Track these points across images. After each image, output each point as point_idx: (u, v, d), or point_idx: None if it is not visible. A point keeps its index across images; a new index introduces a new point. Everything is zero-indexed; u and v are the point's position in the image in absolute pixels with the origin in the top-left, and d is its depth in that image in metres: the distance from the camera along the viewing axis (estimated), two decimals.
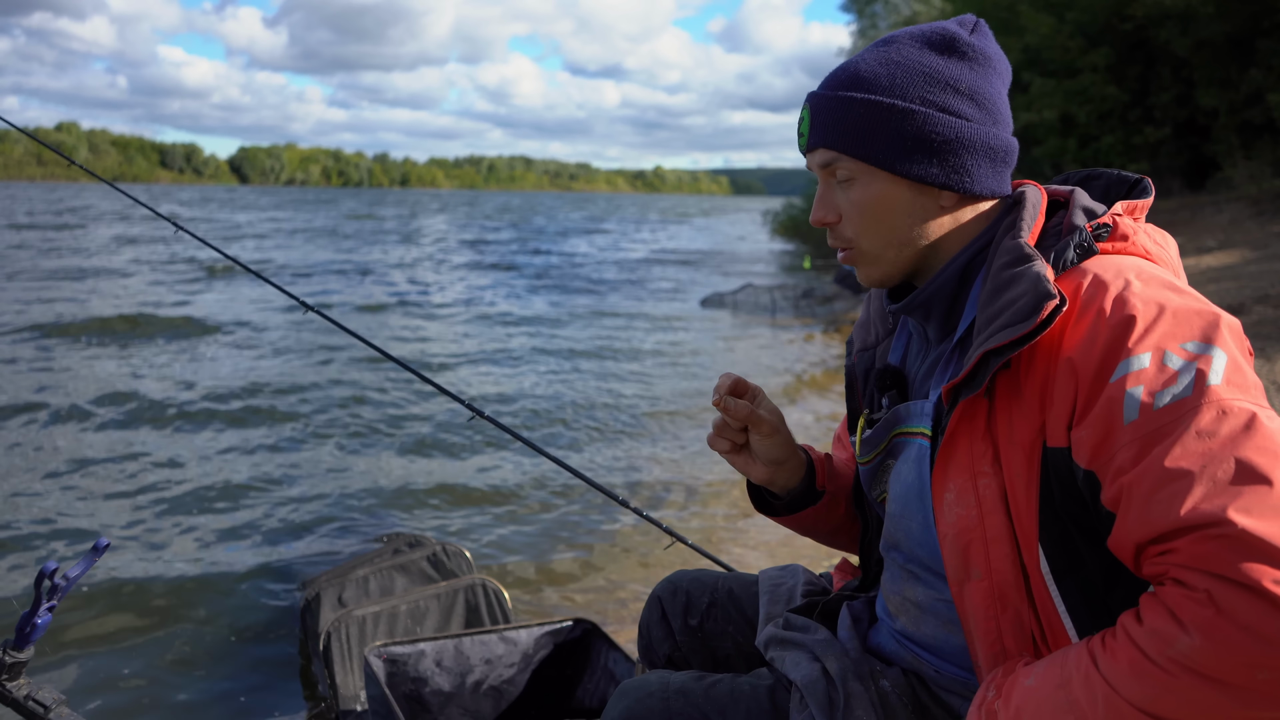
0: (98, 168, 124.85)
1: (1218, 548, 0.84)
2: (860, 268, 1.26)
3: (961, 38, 1.20)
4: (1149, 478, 0.92)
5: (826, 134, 1.22)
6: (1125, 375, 0.97)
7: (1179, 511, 0.88)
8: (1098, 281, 1.05)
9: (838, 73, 1.24)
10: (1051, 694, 0.98)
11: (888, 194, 1.20)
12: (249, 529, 4.51)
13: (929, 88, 1.18)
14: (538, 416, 7.10)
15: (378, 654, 2.41)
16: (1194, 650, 0.85)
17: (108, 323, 10.96)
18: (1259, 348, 6.63)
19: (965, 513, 1.12)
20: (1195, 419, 0.92)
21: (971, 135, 1.18)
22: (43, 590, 1.36)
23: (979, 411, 1.11)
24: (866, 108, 1.18)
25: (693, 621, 1.63)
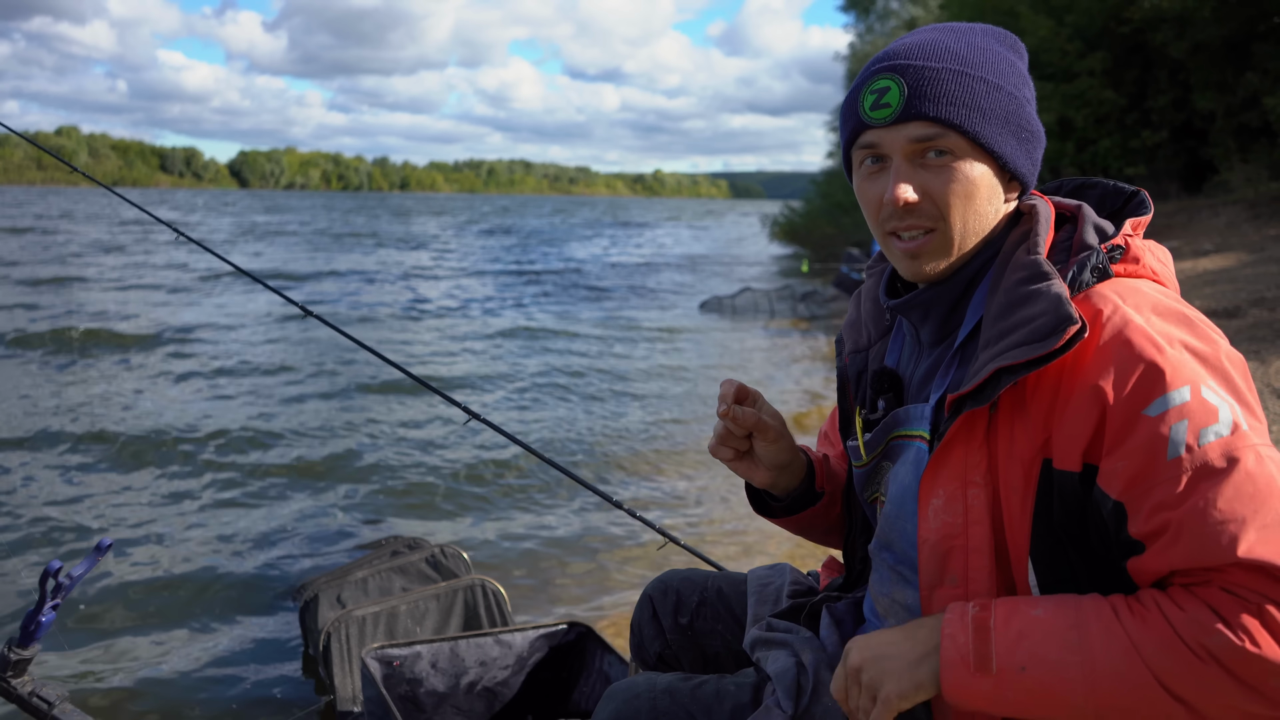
0: (98, 172, 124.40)
1: (1273, 582, 0.92)
2: (927, 257, 1.19)
3: (1017, 40, 1.24)
4: (1201, 515, 0.96)
5: (936, 103, 1.14)
6: (1166, 411, 0.99)
7: (1236, 551, 0.93)
8: (1116, 311, 1.06)
9: (927, 47, 1.18)
10: (1063, 631, 1.01)
11: (984, 176, 1.17)
12: (248, 531, 4.54)
13: (1018, 79, 1.20)
14: (533, 419, 7.13)
15: (374, 656, 2.44)
16: (1231, 647, 0.92)
17: (106, 327, 10.99)
18: (1254, 350, 6.66)
19: (951, 520, 1.14)
20: (1240, 461, 0.97)
21: (1041, 128, 1.22)
22: (47, 589, 1.39)
23: (979, 422, 1.12)
24: (984, 87, 1.15)
25: (683, 620, 1.65)
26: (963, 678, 1.04)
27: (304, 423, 6.73)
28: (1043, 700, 1.01)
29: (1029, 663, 1.01)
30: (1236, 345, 5.05)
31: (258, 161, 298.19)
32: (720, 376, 9.03)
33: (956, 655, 1.04)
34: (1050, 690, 1.00)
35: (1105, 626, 0.99)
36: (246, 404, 7.29)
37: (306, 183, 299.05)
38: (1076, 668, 0.99)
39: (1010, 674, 1.01)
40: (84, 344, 9.85)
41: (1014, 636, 1.02)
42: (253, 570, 4.08)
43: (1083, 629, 1.00)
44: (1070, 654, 0.99)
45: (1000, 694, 1.02)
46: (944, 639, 1.06)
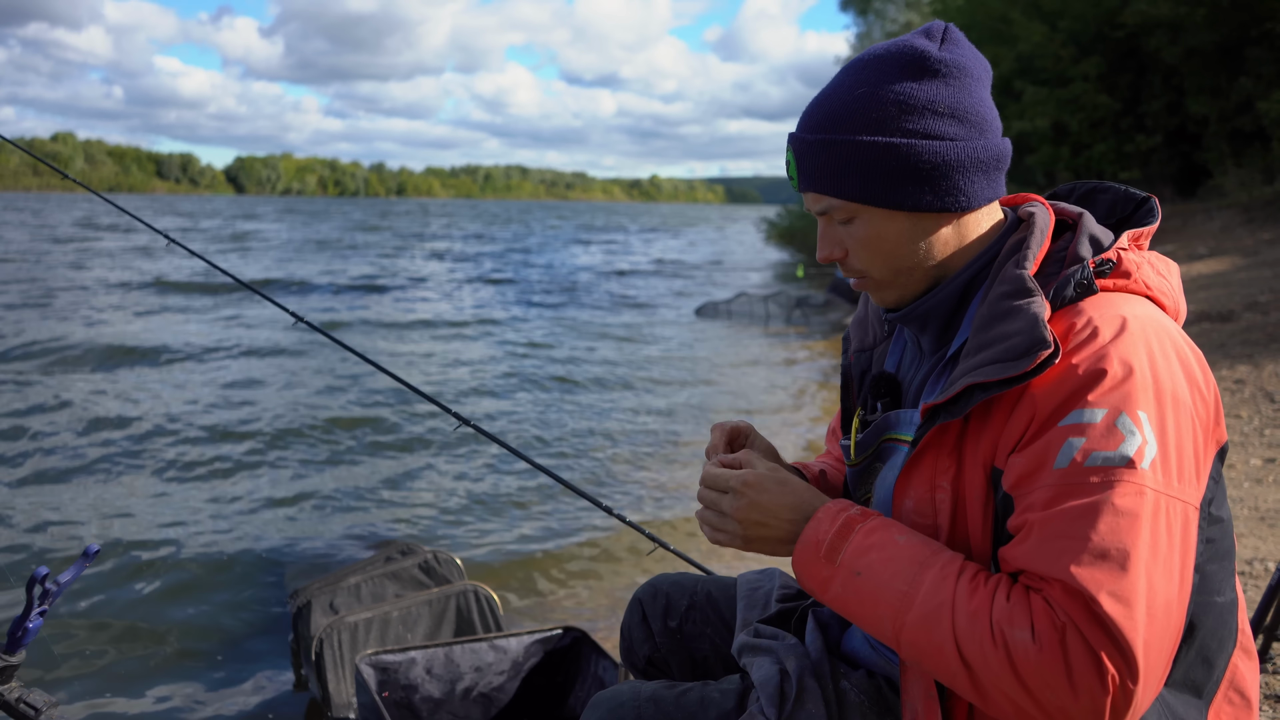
0: (94, 178, 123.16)
1: (1083, 611, 0.97)
2: (875, 294, 1.27)
3: (931, 54, 1.16)
4: (1051, 525, 1.01)
5: (815, 180, 1.20)
6: (1074, 424, 1.02)
7: (1066, 566, 0.98)
8: (1088, 329, 1.06)
9: (814, 112, 1.21)
10: (906, 562, 1.08)
11: (888, 228, 1.18)
12: (240, 538, 4.53)
13: (908, 117, 1.15)
14: (524, 424, 7.13)
15: (368, 662, 2.43)
16: (1024, 648, 0.98)
17: (99, 332, 10.98)
18: (1248, 354, 6.67)
19: (921, 521, 1.17)
20: (1112, 491, 0.99)
21: (959, 155, 1.16)
22: (34, 595, 1.38)
23: (951, 429, 1.14)
24: (849, 149, 1.16)
25: (672, 624, 1.65)
26: (809, 557, 1.15)
27: (294, 429, 6.72)
28: (861, 606, 1.10)
29: (865, 571, 1.10)
30: (1230, 349, 5.07)
31: (254, 167, 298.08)
32: (715, 381, 9.03)
33: (814, 537, 1.15)
34: (870, 602, 1.09)
35: (942, 577, 1.05)
36: (235, 410, 7.28)
37: (303, 188, 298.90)
38: (898, 596, 1.07)
39: (847, 573, 1.11)
40: (75, 349, 9.83)
41: (866, 546, 1.11)
42: (245, 576, 4.08)
43: (922, 569, 1.07)
44: (900, 583, 1.07)
45: (831, 584, 1.12)
46: (812, 520, 1.16)
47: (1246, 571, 3.24)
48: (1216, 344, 7.11)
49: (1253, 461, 4.53)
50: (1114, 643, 0.95)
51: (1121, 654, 0.95)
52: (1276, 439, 4.86)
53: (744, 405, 7.90)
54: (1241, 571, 3.24)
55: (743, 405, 7.91)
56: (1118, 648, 0.95)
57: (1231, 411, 5.47)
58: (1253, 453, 4.67)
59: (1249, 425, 5.16)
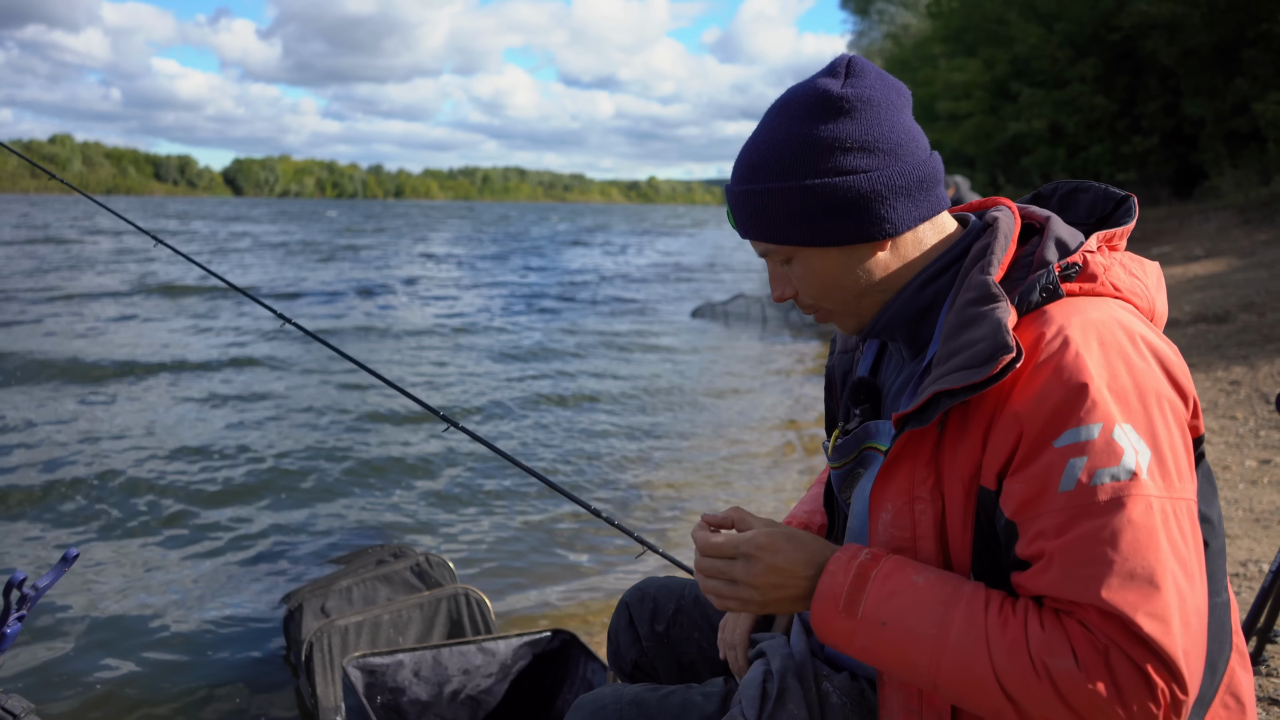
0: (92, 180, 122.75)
1: (1123, 632, 0.97)
2: (837, 324, 1.31)
3: (833, 93, 1.18)
4: (1073, 552, 1.00)
5: (748, 227, 1.25)
6: (1071, 444, 1.01)
7: (1097, 592, 0.98)
8: (1057, 336, 1.06)
9: (740, 163, 1.26)
10: (931, 604, 1.06)
11: (824, 264, 1.22)
12: (230, 542, 4.51)
13: (815, 158, 1.18)
14: (515, 427, 7.12)
15: (356, 664, 2.42)
16: (1070, 676, 0.97)
17: (91, 336, 10.97)
18: (1243, 355, 6.66)
19: (899, 534, 1.16)
20: (1126, 508, 0.99)
21: (873, 185, 1.17)
22: (11, 600, 1.37)
23: (927, 440, 1.14)
24: (767, 198, 1.20)
25: (659, 627, 1.65)
26: (829, 613, 1.11)
27: (285, 431, 6.71)
28: (891, 656, 1.07)
29: (890, 620, 1.07)
30: (1226, 350, 5.06)
31: (252, 169, 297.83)
32: (710, 384, 9.01)
33: (830, 591, 1.12)
34: (900, 651, 1.06)
35: (970, 614, 1.04)
36: (227, 413, 7.26)
37: (301, 190, 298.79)
38: (929, 640, 1.04)
39: (871, 624, 1.08)
40: (67, 351, 9.82)
41: (886, 593, 1.08)
42: (235, 581, 4.06)
43: (949, 608, 1.05)
44: (928, 627, 1.04)
45: (856, 637, 1.09)
46: (825, 573, 1.13)
47: (1241, 573, 3.23)
48: (1212, 345, 7.11)
49: (1248, 463, 4.52)
50: (1158, 658, 0.96)
51: (1168, 668, 0.96)
52: (1272, 440, 4.86)
53: (740, 408, 7.89)
54: (1235, 573, 3.23)
55: (739, 408, 7.90)
56: (1163, 663, 0.96)
57: (1227, 413, 5.46)
58: (1248, 454, 4.67)
59: (1244, 427, 5.15)
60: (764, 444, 6.44)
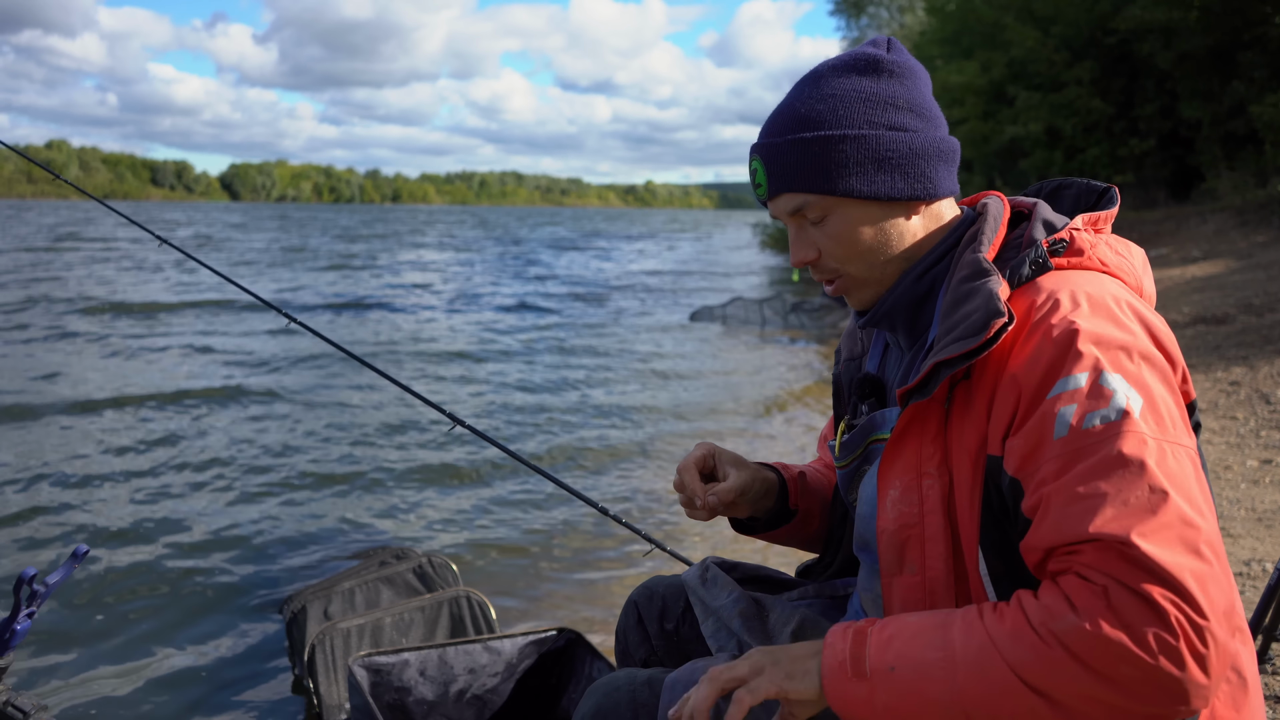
0: (89, 185, 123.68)
1: (1120, 560, 0.94)
2: (852, 294, 1.30)
3: (883, 58, 1.24)
4: (1068, 491, 1.00)
5: (789, 179, 1.24)
6: (1061, 394, 1.03)
7: (1090, 525, 0.96)
8: (1048, 301, 1.09)
9: (778, 119, 1.27)
10: (930, 630, 1.04)
11: (862, 219, 1.23)
12: (233, 542, 4.50)
13: (871, 110, 1.22)
14: (520, 426, 7.12)
15: (361, 664, 2.41)
16: (1075, 630, 0.93)
17: (85, 332, 10.96)
18: (1243, 356, 6.67)
19: (907, 510, 1.18)
20: (1118, 443, 0.99)
21: (921, 144, 1.23)
22: (22, 596, 1.37)
23: (933, 416, 1.16)
24: (821, 145, 1.21)
25: (668, 626, 1.65)
26: (841, 683, 1.05)
27: (289, 431, 6.70)
28: (913, 700, 1.01)
29: (897, 663, 1.02)
30: (1225, 351, 5.06)
31: (249, 174, 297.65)
32: (710, 385, 9.02)
33: (835, 661, 1.06)
34: (918, 689, 1.01)
35: (967, 624, 1.02)
36: (230, 413, 7.25)
37: (298, 195, 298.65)
38: (939, 665, 1.00)
39: (881, 675, 1.03)
40: (64, 346, 9.81)
41: (885, 639, 1.05)
42: (239, 581, 4.05)
43: (947, 629, 1.02)
44: (934, 652, 1.01)
45: (875, 697, 1.03)
46: (825, 647, 1.08)
47: (1245, 572, 3.23)
48: (1212, 346, 7.12)
49: (1249, 463, 4.53)
50: (1161, 579, 0.91)
51: (1174, 589, 0.91)
52: (1273, 440, 4.86)
53: (739, 409, 7.90)
54: (1240, 572, 3.23)
55: (737, 409, 7.90)
56: (1167, 584, 0.91)
57: (1228, 413, 5.47)
58: (1249, 454, 4.67)
59: (1245, 427, 5.16)
60: (765, 443, 6.44)
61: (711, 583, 1.48)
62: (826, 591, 1.52)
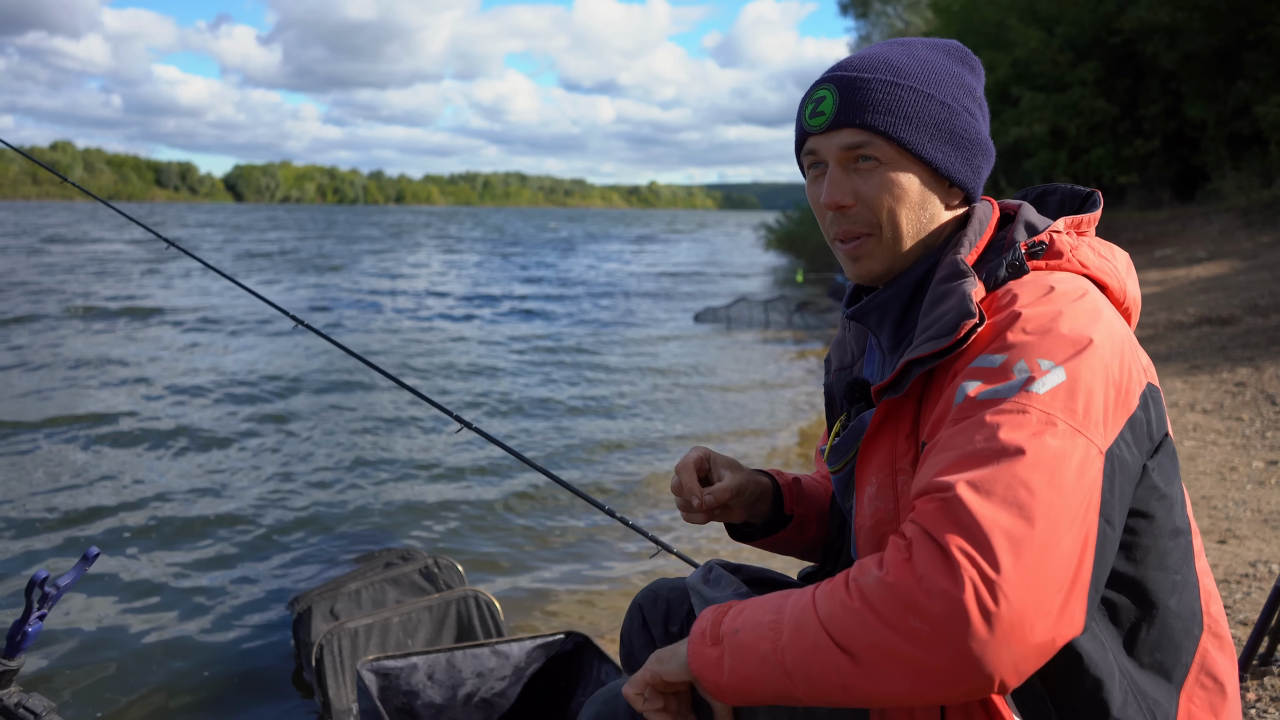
0: (93, 186, 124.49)
1: (935, 509, 0.94)
2: (864, 260, 1.26)
3: (969, 53, 1.30)
4: (938, 445, 1.03)
5: (864, 114, 1.20)
6: (975, 368, 1.06)
7: (931, 475, 0.98)
8: (1012, 300, 1.10)
9: (865, 60, 1.25)
10: (776, 597, 1.08)
11: (913, 181, 1.22)
12: (241, 544, 4.52)
13: (958, 89, 1.25)
14: (526, 428, 7.12)
15: (370, 668, 2.42)
16: (875, 583, 0.94)
17: (93, 335, 10.98)
18: (1248, 357, 6.66)
19: (883, 506, 1.18)
20: (995, 409, 1.00)
21: (985, 139, 1.27)
22: (34, 599, 1.38)
23: (906, 414, 1.17)
24: (910, 94, 1.22)
25: (673, 629, 1.64)
26: (700, 649, 1.10)
27: (296, 433, 6.72)
28: (749, 657, 1.04)
29: (741, 626, 1.07)
30: (1231, 352, 5.02)
31: (253, 175, 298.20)
32: (714, 386, 9.02)
33: (698, 632, 1.12)
34: (753, 647, 1.04)
35: (800, 595, 1.04)
36: (238, 414, 7.27)
37: (302, 196, 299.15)
38: (770, 625, 1.03)
39: (730, 639, 1.07)
40: (71, 350, 9.83)
41: (739, 610, 1.10)
42: (244, 583, 4.06)
43: (786, 597, 1.06)
44: (770, 614, 1.05)
45: (723, 659, 1.07)
46: (694, 626, 1.13)
47: (1251, 574, 3.23)
48: (1217, 347, 7.11)
49: (1255, 464, 4.52)
50: (966, 531, 0.90)
51: (974, 541, 0.89)
52: (1278, 441, 4.85)
53: (742, 411, 7.89)
54: (1245, 574, 3.23)
55: (740, 411, 7.90)
56: (970, 535, 0.89)
57: (1233, 414, 5.46)
58: (1255, 455, 4.67)
59: (1250, 428, 5.15)
60: (769, 445, 6.44)
61: (714, 582, 1.48)
62: None
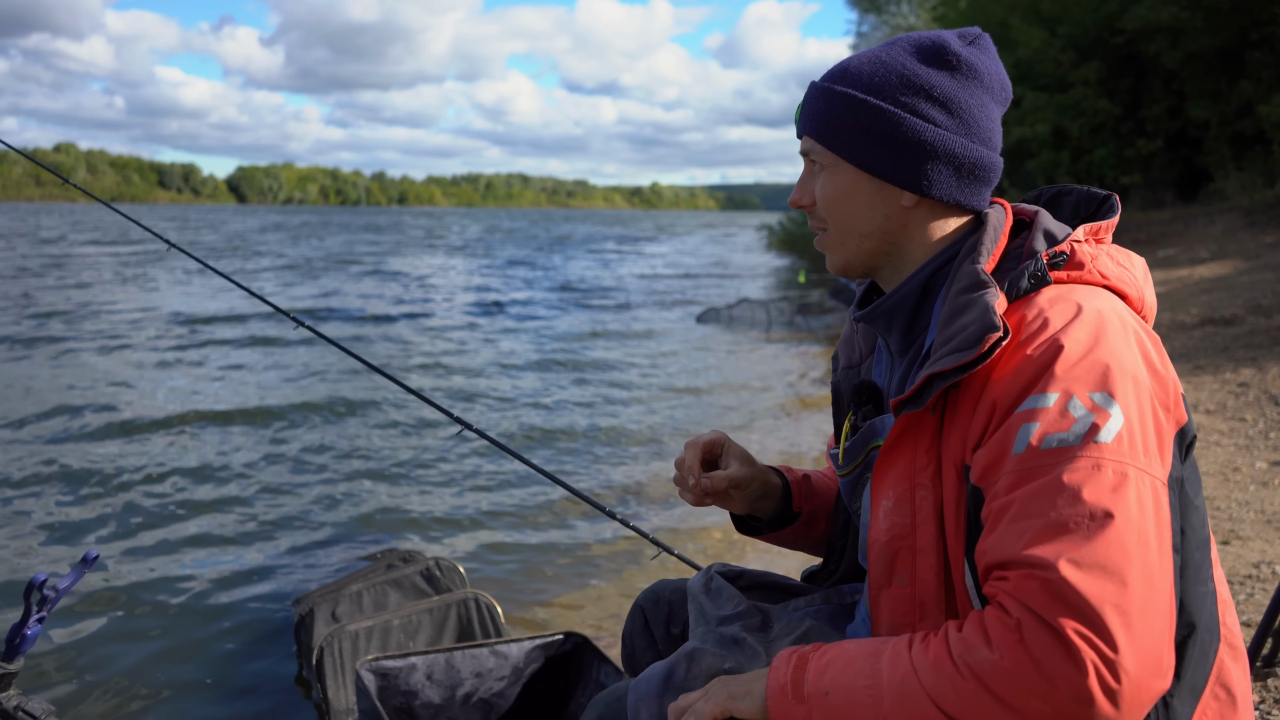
0: (96, 188, 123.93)
1: (1039, 588, 0.93)
2: (828, 255, 1.32)
3: (951, 47, 1.23)
4: (1011, 509, 1.00)
5: (808, 122, 1.29)
6: (1028, 410, 1.03)
7: (1020, 547, 0.96)
8: (1038, 317, 1.08)
9: (837, 67, 1.30)
10: (862, 658, 1.06)
11: (851, 185, 1.25)
12: (242, 546, 4.52)
13: (903, 90, 1.22)
14: (527, 430, 7.12)
15: (369, 668, 2.42)
16: (989, 664, 0.94)
17: (98, 339, 11.00)
18: (1251, 358, 6.65)
19: (899, 520, 1.17)
20: (1069, 467, 0.99)
21: (935, 140, 1.20)
22: (32, 601, 1.37)
23: (927, 427, 1.16)
24: (842, 101, 1.24)
25: (675, 630, 1.64)
26: (783, 705, 1.09)
27: (297, 435, 6.72)
28: None
29: (831, 688, 1.06)
30: (1234, 353, 5.01)
31: (255, 177, 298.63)
32: (716, 387, 9.02)
33: (777, 684, 1.10)
34: (849, 713, 1.04)
35: (896, 654, 1.03)
36: (238, 416, 7.27)
37: (304, 198, 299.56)
38: (867, 692, 1.03)
39: (818, 699, 1.06)
40: (75, 353, 9.84)
41: (822, 666, 1.08)
42: (246, 586, 4.06)
43: (878, 657, 1.05)
44: (864, 679, 1.04)
45: (812, 718, 1.06)
46: (770, 670, 1.12)
47: (1254, 575, 3.22)
48: (1220, 347, 7.09)
49: (1258, 464, 4.51)
50: (1077, 612, 0.90)
51: (1093, 627, 0.90)
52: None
53: (744, 411, 7.89)
54: (1249, 575, 3.22)
55: (743, 411, 7.89)
56: (1087, 621, 0.90)
57: (1236, 415, 5.45)
58: (1258, 456, 4.65)
59: (1254, 429, 5.14)
60: (773, 447, 6.43)
61: (715, 593, 1.46)
62: (834, 599, 1.51)
